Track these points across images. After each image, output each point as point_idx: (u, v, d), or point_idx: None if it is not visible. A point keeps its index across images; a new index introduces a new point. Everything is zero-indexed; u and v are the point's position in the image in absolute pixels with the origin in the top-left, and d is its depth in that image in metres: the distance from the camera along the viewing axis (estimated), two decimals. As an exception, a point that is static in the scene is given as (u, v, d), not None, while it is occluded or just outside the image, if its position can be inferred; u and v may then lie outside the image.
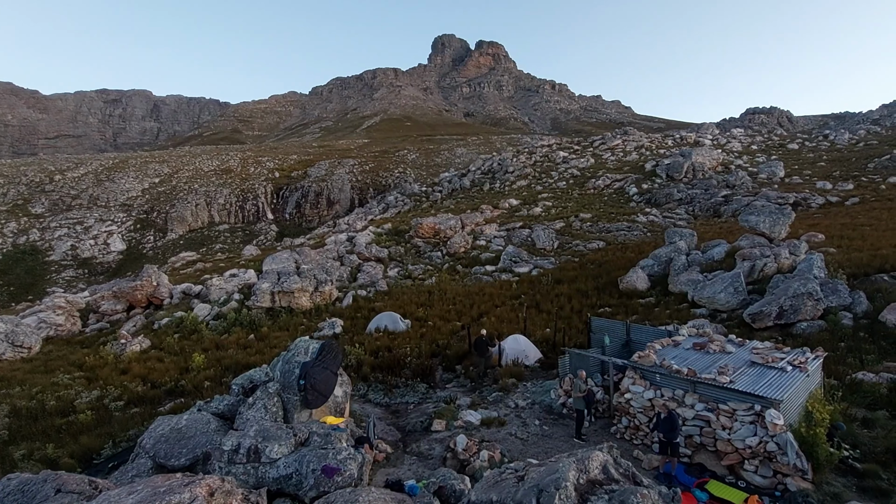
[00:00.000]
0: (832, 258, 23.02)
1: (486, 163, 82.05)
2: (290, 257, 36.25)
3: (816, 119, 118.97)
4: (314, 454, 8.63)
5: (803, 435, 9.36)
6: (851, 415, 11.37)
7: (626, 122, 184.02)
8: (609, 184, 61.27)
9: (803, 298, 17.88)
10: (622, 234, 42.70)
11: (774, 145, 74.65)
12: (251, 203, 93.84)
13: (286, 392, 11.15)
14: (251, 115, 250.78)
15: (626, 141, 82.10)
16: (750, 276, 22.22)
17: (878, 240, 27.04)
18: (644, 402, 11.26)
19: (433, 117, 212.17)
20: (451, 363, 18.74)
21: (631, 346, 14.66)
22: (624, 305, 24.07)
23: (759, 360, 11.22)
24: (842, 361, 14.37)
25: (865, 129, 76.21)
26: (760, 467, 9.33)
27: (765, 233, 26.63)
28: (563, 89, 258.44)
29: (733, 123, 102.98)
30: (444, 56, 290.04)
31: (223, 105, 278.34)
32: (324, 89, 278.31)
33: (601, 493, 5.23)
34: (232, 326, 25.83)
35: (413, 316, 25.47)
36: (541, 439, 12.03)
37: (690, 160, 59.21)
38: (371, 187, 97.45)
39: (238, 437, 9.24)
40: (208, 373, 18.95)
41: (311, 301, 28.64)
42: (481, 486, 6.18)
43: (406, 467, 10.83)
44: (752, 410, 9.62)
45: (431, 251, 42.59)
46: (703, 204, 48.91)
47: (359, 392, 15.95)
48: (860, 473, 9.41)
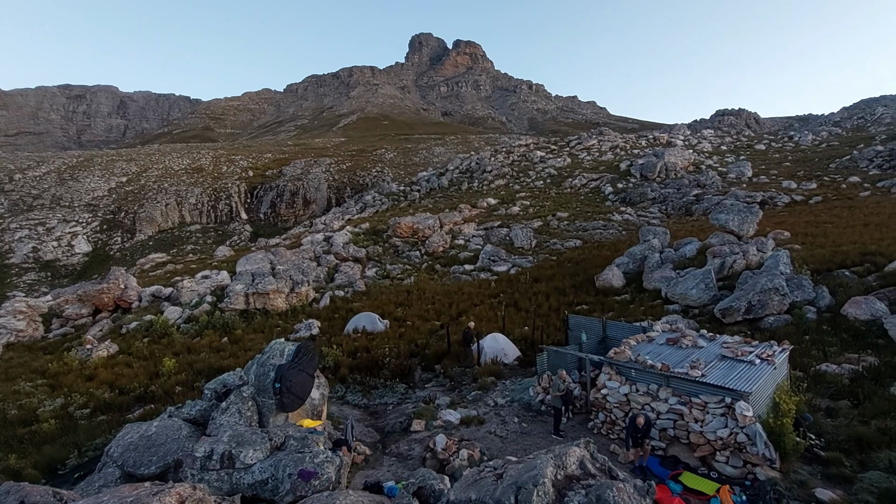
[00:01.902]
0: (797, 255, 23.90)
1: (464, 162, 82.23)
2: (265, 258, 35.53)
3: (782, 121, 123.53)
4: (290, 458, 8.45)
5: (771, 425, 9.68)
6: (816, 405, 11.82)
7: (601, 122, 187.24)
8: (585, 183, 62.23)
9: (770, 294, 18.52)
10: (598, 233, 43.43)
11: (743, 146, 77.19)
12: (224, 203, 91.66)
13: (261, 396, 10.90)
14: (223, 113, 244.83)
15: (601, 141, 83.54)
16: (720, 273, 22.89)
17: (839, 237, 28.23)
18: (620, 398, 11.44)
19: (411, 116, 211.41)
20: (431, 363, 18.67)
21: (607, 342, 14.89)
22: (600, 303, 24.46)
23: (729, 353, 11.55)
24: (806, 354, 14.93)
25: (827, 131, 79.54)
26: (731, 458, 9.60)
27: (734, 231, 27.49)
28: (539, 89, 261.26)
29: (704, 124, 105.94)
30: (421, 55, 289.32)
31: (194, 102, 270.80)
32: (299, 87, 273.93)
33: (578, 488, 5.27)
34: (204, 329, 25.15)
35: (391, 316, 25.31)
36: (520, 437, 12.10)
37: (663, 160, 60.65)
38: (348, 186, 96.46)
39: (211, 443, 8.99)
40: (180, 377, 18.41)
41: (287, 302, 28.13)
42: (460, 486, 6.16)
43: (385, 469, 10.73)
44: (722, 403, 9.89)
45: (410, 251, 42.42)
46: (676, 203, 50.19)
47: (336, 394, 15.73)
48: (825, 461, 9.78)
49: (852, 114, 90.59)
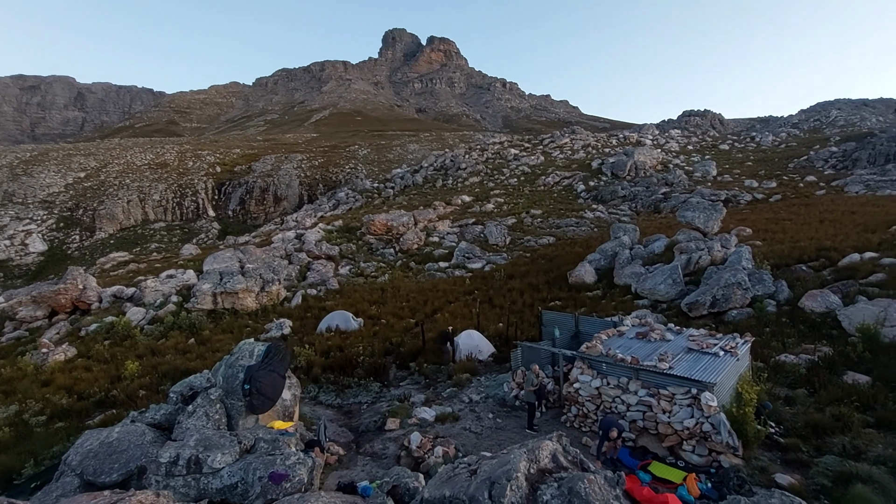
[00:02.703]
0: (758, 250, 24.90)
1: (439, 159, 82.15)
2: (234, 256, 34.58)
3: (745, 122, 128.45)
4: (261, 461, 8.25)
5: (734, 415, 10.04)
6: (775, 394, 12.35)
7: (573, 121, 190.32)
8: (558, 181, 63.16)
9: (733, 288, 19.24)
10: (571, 230, 44.18)
11: (708, 146, 79.89)
12: (190, 199, 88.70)
13: (230, 398, 10.59)
14: (189, 106, 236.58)
15: (573, 140, 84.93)
16: (687, 268, 23.62)
17: (797, 233, 29.58)
18: (592, 391, 11.65)
19: (385, 112, 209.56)
20: (405, 361, 18.58)
21: (580, 337, 15.16)
22: (573, 298, 24.88)
23: (695, 346, 11.92)
24: (767, 345, 15.58)
25: (787, 132, 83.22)
26: (697, 447, 9.92)
27: (700, 227, 28.43)
28: (513, 88, 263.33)
29: (671, 125, 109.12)
30: (395, 51, 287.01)
31: (157, 94, 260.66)
32: (269, 80, 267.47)
33: (551, 481, 5.33)
34: (169, 331, 24.30)
35: (366, 314, 25.07)
36: (494, 432, 12.18)
37: (633, 159, 62.16)
38: (321, 183, 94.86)
39: (177, 448, 8.68)
40: (143, 381, 17.73)
41: (257, 302, 27.48)
42: (434, 483, 6.13)
43: (359, 468, 10.61)
44: (689, 394, 10.20)
45: (384, 248, 42.10)
46: (645, 200, 51.54)
47: (309, 394, 15.46)
48: (784, 448, 10.22)
49: (809, 116, 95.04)
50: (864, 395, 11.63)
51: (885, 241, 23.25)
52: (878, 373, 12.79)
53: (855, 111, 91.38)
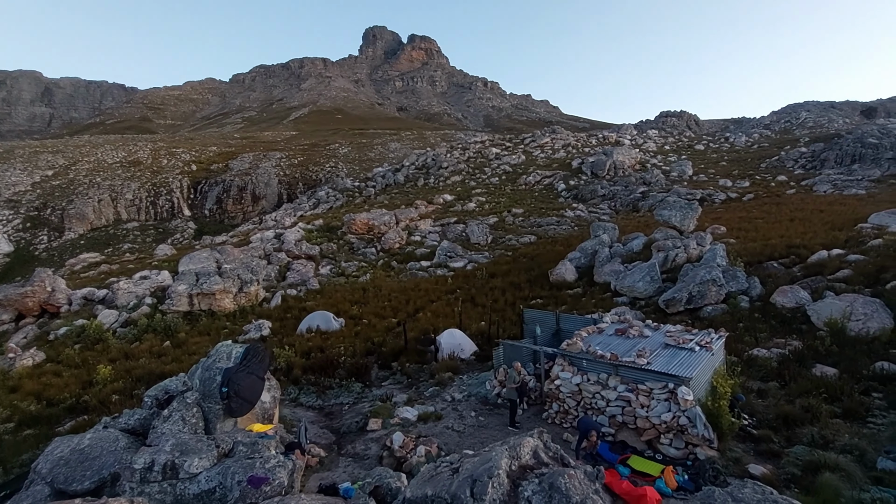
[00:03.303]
0: (732, 248, 25.59)
1: (420, 158, 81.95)
2: (211, 256, 33.86)
3: (719, 123, 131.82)
4: (239, 465, 8.10)
5: (709, 408, 10.31)
6: (748, 387, 12.72)
7: (554, 121, 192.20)
8: (539, 180, 63.72)
9: (709, 285, 19.74)
10: (552, 229, 44.62)
11: (684, 146, 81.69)
12: (165, 198, 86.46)
13: (207, 401, 10.37)
14: (163, 103, 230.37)
15: (554, 139, 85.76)
16: (664, 266, 24.13)
17: (769, 231, 30.50)
18: (572, 388, 11.80)
19: (365, 110, 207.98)
20: (387, 361, 18.51)
21: (561, 334, 15.32)
22: (554, 296, 25.16)
23: (671, 342, 12.19)
24: (740, 340, 16.04)
25: (759, 133, 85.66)
26: (674, 440, 10.15)
27: (676, 226, 29.06)
28: (495, 87, 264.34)
29: (649, 125, 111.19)
30: (375, 48, 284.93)
31: (129, 90, 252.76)
32: (246, 77, 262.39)
33: (532, 477, 5.38)
34: (144, 333, 23.68)
35: (347, 314, 24.87)
36: (477, 430, 12.22)
37: (612, 159, 63.14)
38: (300, 182, 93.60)
39: (152, 454, 8.47)
40: (116, 386, 17.24)
41: (235, 303, 26.98)
42: (416, 482, 6.12)
43: (341, 470, 10.51)
44: (666, 389, 10.42)
45: (365, 247, 41.82)
46: (624, 200, 52.43)
47: (289, 396, 15.26)
48: (756, 439, 10.54)
49: (780, 117, 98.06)
50: (832, 386, 12.08)
51: (851, 239, 24.16)
52: (844, 365, 13.30)
53: (823, 113, 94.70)
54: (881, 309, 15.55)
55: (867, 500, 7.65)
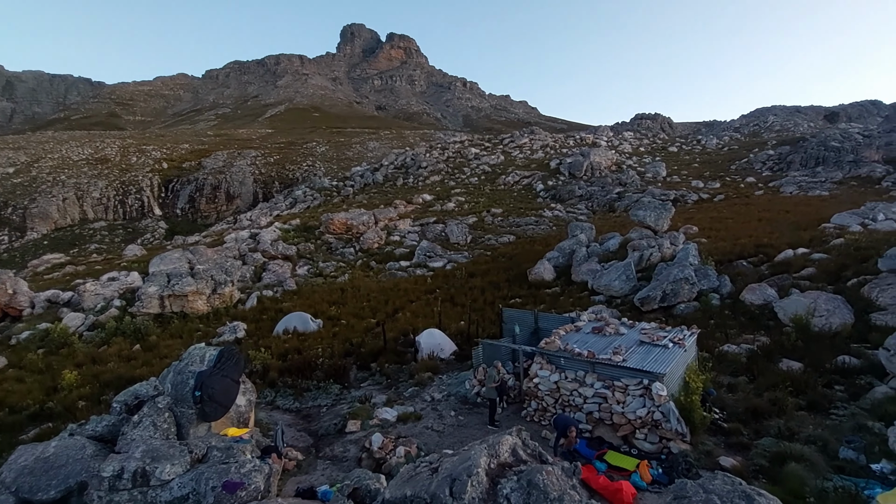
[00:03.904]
0: (704, 247, 26.34)
1: (399, 158, 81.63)
2: (183, 257, 32.96)
3: (692, 125, 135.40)
4: (214, 470, 7.91)
5: (682, 403, 10.58)
6: (719, 382, 13.11)
7: (532, 121, 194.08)
8: (518, 180, 64.27)
9: (681, 283, 20.26)
10: (531, 228, 45.07)
11: (658, 148, 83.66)
12: (134, 197, 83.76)
13: (179, 406, 10.09)
14: (132, 98, 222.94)
15: (532, 140, 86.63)
16: (639, 265, 24.65)
17: (738, 231, 31.51)
18: (550, 385, 11.94)
19: (343, 109, 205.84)
20: (366, 361, 18.36)
21: (539, 333, 15.46)
22: (533, 296, 25.41)
23: (646, 339, 12.46)
24: (711, 336, 16.51)
25: (729, 136, 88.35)
26: (649, 434, 10.38)
27: (651, 226, 29.73)
28: (474, 87, 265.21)
29: (625, 127, 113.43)
30: (353, 46, 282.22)
31: (96, 85, 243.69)
32: (220, 73, 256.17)
33: (510, 474, 5.41)
34: (112, 337, 22.90)
35: (325, 315, 24.58)
36: (456, 429, 12.24)
37: (589, 160, 64.18)
38: (276, 181, 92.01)
39: (121, 461, 8.20)
40: (83, 391, 16.63)
41: (209, 304, 26.35)
42: (396, 483, 6.09)
43: (319, 473, 10.38)
44: (641, 385, 10.65)
45: (344, 247, 41.41)
46: (601, 200, 53.36)
47: (265, 399, 14.98)
48: (727, 432, 10.87)
49: (749, 121, 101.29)
50: (797, 380, 12.56)
51: (815, 238, 25.18)
52: (808, 359, 13.85)
53: (789, 117, 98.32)
54: (842, 305, 16.25)
55: (830, 489, 7.98)
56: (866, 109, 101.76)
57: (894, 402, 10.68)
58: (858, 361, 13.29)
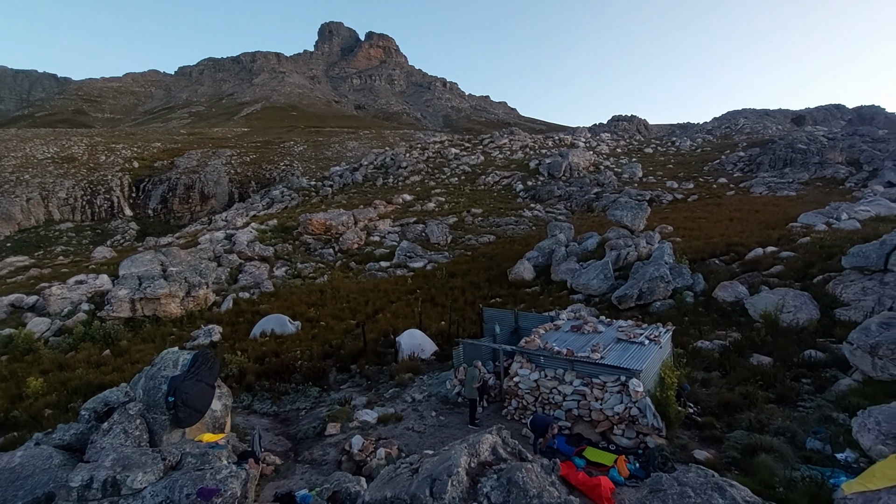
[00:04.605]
0: (678, 246, 26.97)
1: (379, 157, 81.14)
2: (155, 259, 32.03)
3: (666, 127, 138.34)
4: (188, 477, 7.71)
5: (658, 398, 10.81)
6: (693, 377, 13.43)
7: (512, 122, 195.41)
8: (498, 180, 64.64)
9: (657, 282, 20.70)
10: (511, 228, 45.38)
11: (634, 149, 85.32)
12: (103, 197, 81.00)
13: (152, 412, 9.80)
14: (100, 95, 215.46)
15: (512, 140, 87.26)
16: (616, 264, 25.09)
17: (711, 230, 32.37)
18: (531, 384, 12.04)
19: (322, 108, 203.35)
20: (346, 363, 18.18)
21: (519, 332, 15.58)
22: (513, 295, 25.58)
23: (623, 336, 12.69)
24: (686, 333, 16.92)
25: (702, 138, 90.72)
26: (626, 430, 10.57)
27: (627, 225, 30.30)
28: (454, 87, 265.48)
29: (602, 128, 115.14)
30: (331, 44, 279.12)
31: (62, 81, 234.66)
32: (193, 70, 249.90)
33: (491, 473, 5.44)
34: (80, 342, 22.10)
35: (304, 317, 24.25)
36: (437, 430, 12.22)
37: (568, 160, 65.01)
38: (253, 181, 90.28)
39: (90, 470, 7.92)
40: (49, 399, 16.01)
41: (183, 307, 25.68)
42: (376, 485, 6.05)
43: (298, 477, 10.22)
44: (618, 381, 10.83)
45: (322, 248, 40.92)
46: (579, 200, 54.11)
47: (242, 403, 14.69)
48: (701, 426, 11.15)
49: (721, 123, 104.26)
50: (767, 374, 12.98)
51: (783, 237, 26.05)
52: (777, 354, 14.31)
53: (759, 120, 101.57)
54: (809, 301, 16.87)
55: (798, 478, 8.25)
56: (830, 113, 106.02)
57: (857, 394, 11.12)
58: (824, 355, 13.80)
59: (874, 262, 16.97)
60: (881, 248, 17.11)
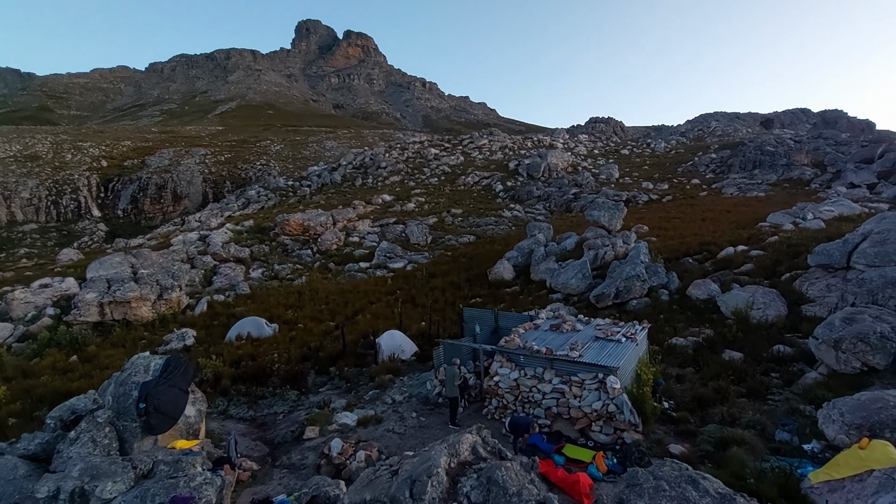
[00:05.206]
0: (654, 246, 27.53)
1: (358, 157, 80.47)
2: (125, 261, 31.03)
3: (642, 129, 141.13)
4: (161, 486, 7.49)
5: (635, 394, 11.02)
6: (668, 373, 13.75)
7: (491, 123, 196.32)
8: (478, 181, 64.88)
9: (633, 280, 21.11)
10: (490, 229, 45.60)
11: (611, 150, 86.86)
12: (69, 197, 78.01)
13: (122, 419, 9.49)
14: (66, 91, 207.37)
15: (492, 141, 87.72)
16: (594, 263, 25.48)
17: (685, 230, 33.16)
18: (510, 383, 12.12)
19: (299, 107, 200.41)
20: (325, 365, 17.96)
21: (499, 332, 15.65)
22: (493, 295, 25.69)
23: (601, 334, 12.89)
24: (661, 330, 17.30)
25: (676, 140, 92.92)
26: (604, 427, 10.73)
27: (605, 225, 30.81)
28: (433, 88, 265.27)
29: (580, 130, 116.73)
30: (309, 42, 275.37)
31: (26, 76, 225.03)
32: (165, 67, 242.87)
33: (471, 472, 5.44)
34: (45, 348, 21.24)
35: (281, 319, 23.86)
36: (418, 431, 12.18)
37: (546, 161, 65.73)
38: (228, 180, 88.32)
39: (57, 480, 7.66)
40: (13, 408, 15.36)
41: (154, 311, 24.96)
42: (355, 488, 5.98)
43: (276, 482, 10.03)
44: (596, 379, 11.00)
45: (300, 249, 40.34)
46: (558, 200, 54.77)
47: (217, 408, 14.35)
48: (676, 420, 11.41)
49: (694, 126, 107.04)
50: (738, 369, 13.37)
51: (752, 236, 26.89)
52: (748, 350, 14.76)
53: (730, 123, 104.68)
54: (777, 298, 17.46)
55: (768, 469, 8.53)
56: (797, 117, 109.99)
57: (822, 387, 11.56)
58: (791, 350, 14.29)
59: (837, 260, 17.67)
60: (843, 247, 17.83)
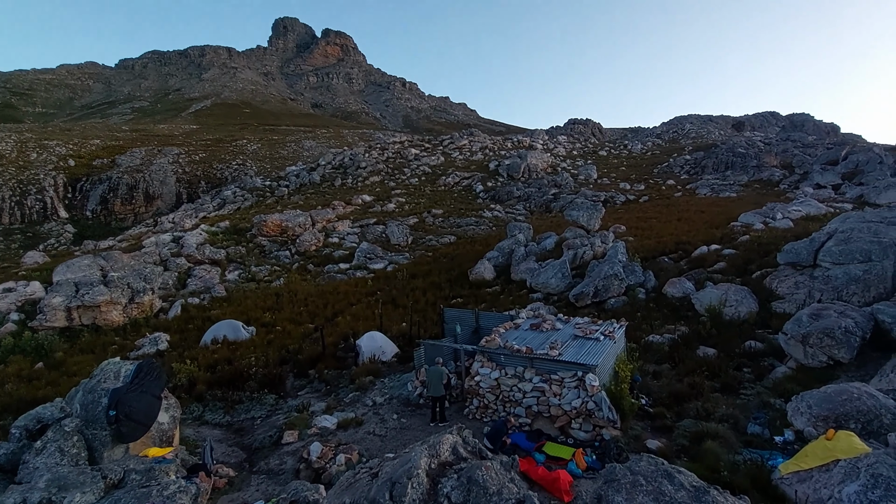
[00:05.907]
0: (631, 245, 28.06)
1: (338, 157, 79.68)
2: (94, 263, 29.98)
3: (619, 131, 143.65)
4: (132, 495, 7.26)
5: (613, 392, 11.19)
6: (645, 370, 14.02)
7: (472, 123, 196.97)
8: (458, 181, 65.00)
9: (612, 279, 21.45)
10: (471, 229, 45.73)
11: (589, 152, 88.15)
12: (34, 198, 74.97)
13: (91, 427, 9.16)
14: (31, 88, 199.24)
15: (472, 141, 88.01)
16: (574, 263, 25.81)
17: (661, 230, 33.90)
18: (491, 382, 12.15)
19: (277, 105, 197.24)
20: (304, 368, 17.69)
21: (480, 332, 15.70)
22: (474, 295, 25.76)
23: (580, 333, 13.05)
24: (639, 328, 17.63)
25: (652, 141, 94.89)
26: (584, 424, 10.86)
27: (583, 225, 31.25)
28: (413, 88, 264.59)
29: (559, 131, 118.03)
30: (286, 40, 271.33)
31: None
32: (136, 63, 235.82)
33: (451, 473, 5.42)
34: (9, 355, 20.34)
35: (259, 322, 23.41)
36: (399, 432, 12.10)
37: (526, 162, 66.31)
38: (203, 180, 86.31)
39: (22, 492, 7.36)
40: (-27, 418, 14.55)
41: (126, 315, 24.20)
42: (334, 492, 5.90)
43: (254, 488, 9.82)
44: (575, 377, 11.13)
45: (279, 250, 39.70)
46: (538, 201, 55.29)
47: (192, 414, 13.97)
48: (653, 416, 11.63)
49: (669, 128, 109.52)
50: (712, 365, 13.73)
51: (725, 236, 27.66)
52: (721, 346, 15.17)
53: (703, 125, 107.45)
54: (748, 295, 17.99)
55: (740, 462, 8.78)
56: (767, 120, 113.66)
57: (791, 381, 11.96)
58: (762, 345, 14.75)
59: (805, 259, 18.32)
60: (811, 246, 18.50)
